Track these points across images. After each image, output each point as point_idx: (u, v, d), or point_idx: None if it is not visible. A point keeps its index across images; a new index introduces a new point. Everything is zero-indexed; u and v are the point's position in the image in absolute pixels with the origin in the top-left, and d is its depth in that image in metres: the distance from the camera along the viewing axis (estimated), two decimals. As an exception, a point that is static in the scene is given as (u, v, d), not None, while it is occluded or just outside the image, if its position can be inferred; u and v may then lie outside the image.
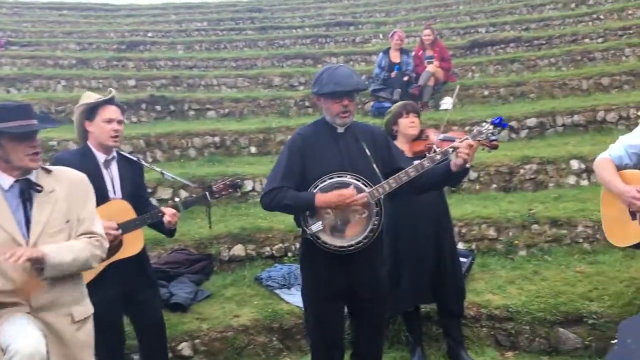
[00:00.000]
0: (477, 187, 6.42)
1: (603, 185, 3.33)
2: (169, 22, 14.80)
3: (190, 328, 4.19)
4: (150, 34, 13.23)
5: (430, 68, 8.63)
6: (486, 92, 8.82)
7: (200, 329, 4.19)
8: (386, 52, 9.00)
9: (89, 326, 2.69)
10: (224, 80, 9.96)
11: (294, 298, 4.49)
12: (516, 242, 5.27)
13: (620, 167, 3.25)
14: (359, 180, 2.96)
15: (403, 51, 8.93)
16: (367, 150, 3.07)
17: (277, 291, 4.68)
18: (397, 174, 2.99)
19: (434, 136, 3.72)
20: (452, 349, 4.01)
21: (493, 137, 2.99)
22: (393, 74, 8.72)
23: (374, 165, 3.04)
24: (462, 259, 4.74)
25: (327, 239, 2.97)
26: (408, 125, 3.89)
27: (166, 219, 3.39)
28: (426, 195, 3.63)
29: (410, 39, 11.09)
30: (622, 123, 7.07)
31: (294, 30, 13.50)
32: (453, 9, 14.21)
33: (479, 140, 3.05)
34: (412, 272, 3.87)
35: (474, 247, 5.34)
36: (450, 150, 2.97)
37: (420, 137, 3.97)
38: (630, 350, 3.63)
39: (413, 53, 9.01)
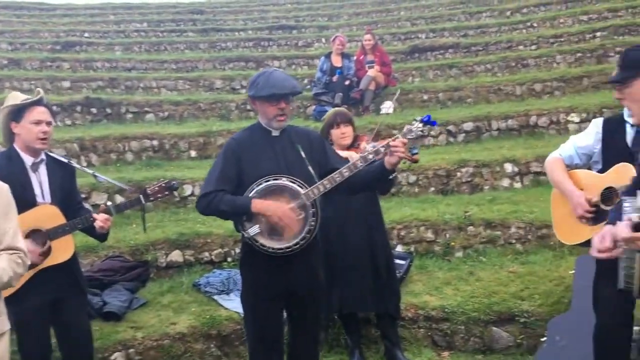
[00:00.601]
0: (416, 190, 6.53)
1: (553, 185, 3.40)
2: (107, 23, 14.41)
3: (124, 337, 4.07)
4: (87, 34, 12.84)
5: (371, 72, 8.72)
6: (425, 97, 8.99)
7: (134, 338, 4.08)
8: (328, 56, 9.05)
9: (4, 342, 2.55)
10: (164, 82, 9.76)
11: (233, 304, 4.44)
12: (453, 243, 5.39)
13: (570, 167, 3.33)
14: (294, 183, 2.98)
15: (345, 55, 9.00)
16: (302, 153, 3.09)
17: (215, 297, 4.61)
18: (331, 175, 3.01)
19: (365, 145, 3.76)
20: (389, 351, 4.06)
21: (415, 151, 3.05)
22: (335, 78, 8.76)
23: (309, 168, 3.07)
24: (400, 262, 4.83)
25: (265, 241, 2.98)
26: (339, 136, 3.97)
27: (98, 224, 3.28)
28: (357, 200, 3.69)
29: (353, 43, 11.19)
30: (552, 127, 7.34)
31: (236, 33, 13.37)
32: (394, 14, 14.43)
33: (410, 139, 3.11)
34: (345, 277, 3.91)
35: (412, 249, 5.43)
36: (382, 149, 3.01)
37: (354, 144, 4.01)
38: (559, 347, 3.78)
39: (354, 57, 9.09)
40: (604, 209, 3.06)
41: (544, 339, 3.88)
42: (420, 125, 3.10)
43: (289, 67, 10.95)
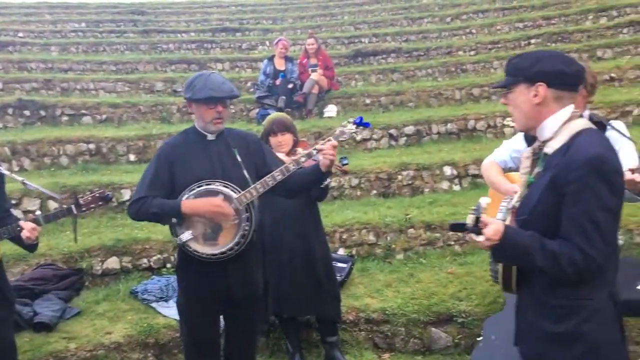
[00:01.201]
0: (358, 193, 6.58)
1: (490, 186, 3.48)
2: (42, 22, 13.89)
3: (56, 348, 3.91)
4: (21, 34, 12.33)
5: (314, 76, 8.74)
6: (368, 101, 9.07)
7: (67, 348, 3.93)
8: (271, 59, 9.01)
9: None
10: (102, 84, 9.49)
11: (172, 311, 4.32)
12: (394, 246, 5.45)
13: (505, 170, 3.41)
14: (227, 187, 2.97)
15: (288, 59, 8.99)
16: (238, 157, 3.07)
17: (153, 305, 4.50)
18: (263, 179, 3.00)
19: (301, 151, 3.75)
20: (329, 354, 4.06)
21: (345, 162, 3.07)
22: (278, 82, 8.74)
23: (245, 172, 3.05)
24: (342, 265, 4.85)
25: (199, 247, 2.97)
26: (276, 144, 3.94)
27: (24, 234, 3.13)
28: (293, 203, 3.69)
29: (297, 46, 11.21)
30: (490, 131, 7.54)
31: (178, 35, 13.14)
32: (338, 18, 14.52)
33: (342, 140, 3.12)
34: (280, 281, 3.90)
35: (354, 252, 5.45)
36: (314, 151, 3.02)
37: (292, 150, 4.00)
38: (495, 346, 3.86)
39: (298, 61, 9.09)
40: None
41: (480, 338, 3.97)
42: (353, 127, 3.12)
43: (232, 70, 10.85)
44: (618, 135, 2.90)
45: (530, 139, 2.29)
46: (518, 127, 2.18)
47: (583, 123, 2.07)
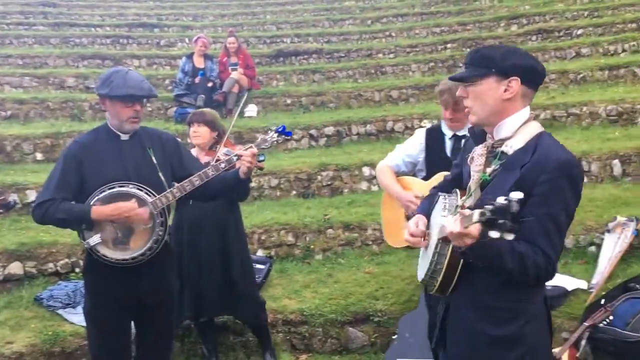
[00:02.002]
0: (278, 193, 6.54)
1: (384, 190, 3.54)
2: (-59, 11, 12.98)
3: (-51, 362, 3.65)
4: None
5: (234, 75, 8.63)
6: (289, 101, 9.04)
7: (-39, 362, 3.67)
8: (190, 56, 8.80)
9: None
10: (8, 79, 8.91)
11: (79, 317, 4.09)
12: (312, 246, 5.45)
13: (398, 174, 3.48)
14: (141, 190, 2.85)
15: (207, 57, 8.82)
16: (153, 158, 2.95)
17: (60, 311, 4.28)
18: (181, 183, 2.92)
19: (221, 149, 3.70)
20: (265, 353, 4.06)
21: (261, 158, 3.06)
22: (197, 80, 8.55)
23: (160, 174, 2.95)
24: (260, 266, 4.80)
25: (108, 252, 2.83)
26: (192, 135, 3.93)
27: None
28: (212, 206, 3.62)
29: (218, 44, 11.02)
30: (407, 133, 7.67)
31: (92, 29, 12.59)
32: (260, 17, 14.41)
33: (264, 148, 3.08)
34: (196, 282, 3.82)
35: (273, 253, 5.41)
36: (235, 158, 2.97)
37: (212, 147, 3.94)
38: (409, 344, 3.93)
39: (218, 59, 8.94)
40: None
41: (395, 336, 4.03)
42: (275, 135, 3.11)
43: (149, 67, 10.51)
44: None
45: (477, 135, 2.18)
46: (474, 121, 2.04)
47: (538, 125, 2.03)
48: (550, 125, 7.00)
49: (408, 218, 3.29)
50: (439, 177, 3.11)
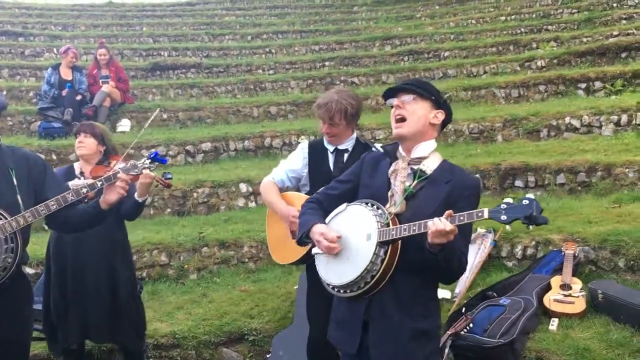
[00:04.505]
0: (152, 212, 6.32)
1: (268, 206, 3.50)
2: None
3: None
4: None
5: (105, 88, 8.26)
6: (165, 116, 8.80)
7: None
8: (56, 67, 8.32)
9: None
10: None
11: None
12: (187, 266, 5.30)
13: (282, 190, 3.46)
14: None
15: (76, 68, 8.37)
16: (14, 179, 2.71)
17: None
18: (36, 207, 2.69)
19: (118, 165, 3.47)
20: None
21: (169, 176, 2.95)
22: (64, 92, 8.09)
23: (18, 197, 2.71)
24: (130, 289, 4.56)
25: None
26: (77, 145, 3.72)
27: None
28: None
29: (90, 56, 10.51)
30: (285, 149, 7.73)
31: (-54, 35, 11.59)
32: (136, 29, 13.95)
33: (133, 175, 2.93)
34: (80, 306, 3.59)
35: (145, 274, 5.19)
36: (99, 184, 2.79)
37: (103, 162, 3.70)
38: (282, 361, 3.92)
39: (87, 71, 8.51)
40: None
41: (269, 355, 4.00)
42: (148, 161, 2.98)
43: (12, 78, 9.82)
44: None
45: (390, 152, 2.46)
46: (403, 133, 2.34)
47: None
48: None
49: (293, 234, 3.28)
50: None
